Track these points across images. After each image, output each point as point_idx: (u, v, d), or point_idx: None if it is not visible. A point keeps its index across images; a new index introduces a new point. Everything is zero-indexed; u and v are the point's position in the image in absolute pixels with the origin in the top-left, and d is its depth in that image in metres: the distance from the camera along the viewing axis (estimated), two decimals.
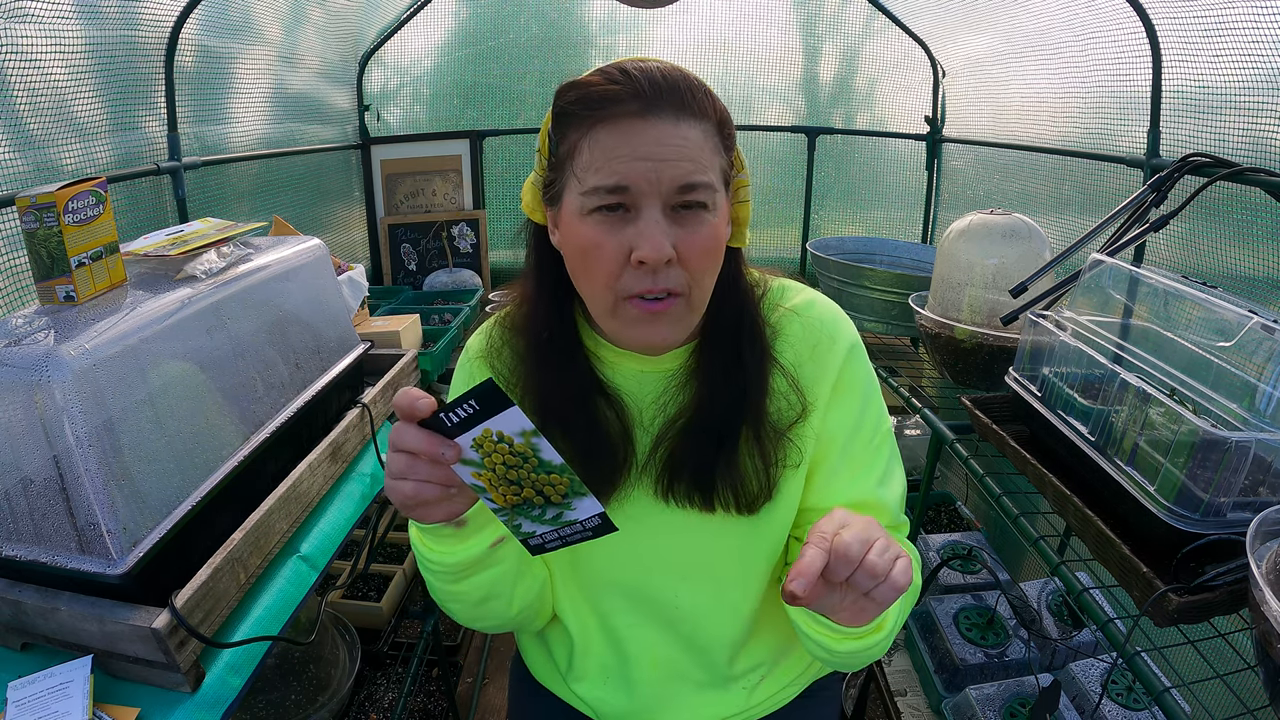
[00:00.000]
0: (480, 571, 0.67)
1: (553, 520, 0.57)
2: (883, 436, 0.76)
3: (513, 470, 0.53)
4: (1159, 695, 0.82)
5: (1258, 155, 1.25)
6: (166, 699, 0.76)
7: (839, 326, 0.75)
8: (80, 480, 0.73)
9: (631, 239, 0.59)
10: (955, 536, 1.93)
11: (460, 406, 0.51)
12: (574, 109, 0.61)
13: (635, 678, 0.80)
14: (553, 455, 0.52)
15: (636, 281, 0.61)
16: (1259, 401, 0.87)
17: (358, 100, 2.47)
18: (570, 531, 0.57)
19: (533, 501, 0.55)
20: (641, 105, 0.58)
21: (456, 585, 0.68)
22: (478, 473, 0.54)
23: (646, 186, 0.59)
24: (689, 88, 0.60)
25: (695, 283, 0.63)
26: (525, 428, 0.51)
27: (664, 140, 0.59)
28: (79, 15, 1.27)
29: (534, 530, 0.57)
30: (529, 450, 0.52)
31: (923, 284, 1.73)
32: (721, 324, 0.70)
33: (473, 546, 0.65)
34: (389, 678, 1.72)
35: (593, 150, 0.60)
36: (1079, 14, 1.68)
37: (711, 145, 0.62)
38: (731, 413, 0.69)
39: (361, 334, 1.37)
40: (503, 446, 0.52)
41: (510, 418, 0.50)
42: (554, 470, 0.53)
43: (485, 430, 0.51)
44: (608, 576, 0.77)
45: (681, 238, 0.60)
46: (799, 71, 2.58)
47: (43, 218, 0.83)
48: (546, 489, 0.54)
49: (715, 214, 0.62)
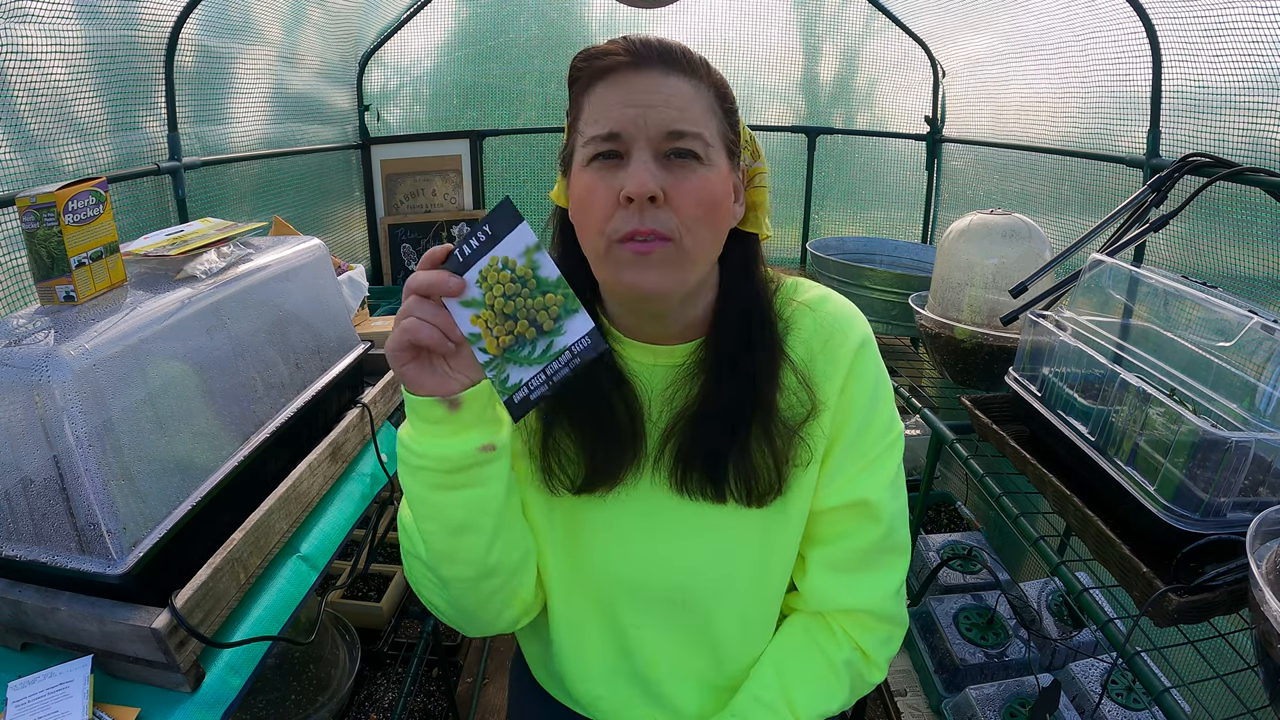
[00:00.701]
0: (465, 486, 0.64)
1: (541, 356, 0.58)
2: (893, 439, 0.75)
3: (511, 300, 0.57)
4: (1159, 695, 0.82)
5: (1258, 155, 1.25)
6: (166, 699, 0.76)
7: (852, 323, 0.74)
8: (80, 480, 0.73)
9: (621, 180, 0.62)
10: (955, 536, 1.94)
11: (474, 235, 0.56)
12: (579, 69, 0.65)
13: (639, 677, 0.80)
14: (550, 270, 0.56)
15: (624, 221, 0.61)
16: (1259, 401, 0.87)
17: (358, 100, 2.47)
18: (558, 366, 0.58)
19: (525, 337, 0.58)
20: (633, 59, 0.63)
21: (437, 494, 0.64)
22: (476, 315, 0.58)
23: (635, 130, 0.61)
24: (682, 51, 0.64)
25: (687, 230, 0.62)
26: (530, 243, 0.56)
27: (652, 89, 0.62)
28: (79, 15, 1.27)
29: (520, 378, 0.59)
30: (529, 270, 0.56)
31: (923, 284, 1.73)
32: (731, 314, 0.70)
33: (463, 442, 0.62)
34: (389, 678, 1.72)
35: (591, 105, 0.64)
36: (1079, 14, 1.68)
37: (705, 104, 0.64)
38: (740, 404, 0.69)
39: (361, 334, 1.37)
40: (505, 274, 0.57)
41: (518, 236, 0.56)
42: (549, 288, 0.57)
43: (492, 259, 0.56)
44: (615, 573, 0.76)
45: (671, 183, 0.62)
46: (799, 71, 2.58)
47: (43, 218, 0.83)
48: (540, 314, 0.57)
49: (710, 169, 0.63)
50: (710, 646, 0.78)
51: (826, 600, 0.77)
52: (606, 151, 0.62)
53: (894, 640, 0.79)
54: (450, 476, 0.63)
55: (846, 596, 0.76)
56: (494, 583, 0.70)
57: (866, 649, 0.77)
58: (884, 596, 0.76)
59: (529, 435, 0.74)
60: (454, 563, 0.67)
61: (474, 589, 0.69)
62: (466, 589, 0.69)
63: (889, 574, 0.77)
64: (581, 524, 0.75)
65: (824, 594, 0.77)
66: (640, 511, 0.73)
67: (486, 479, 0.65)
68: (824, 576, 0.77)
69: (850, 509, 0.74)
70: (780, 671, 0.77)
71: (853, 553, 0.75)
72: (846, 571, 0.76)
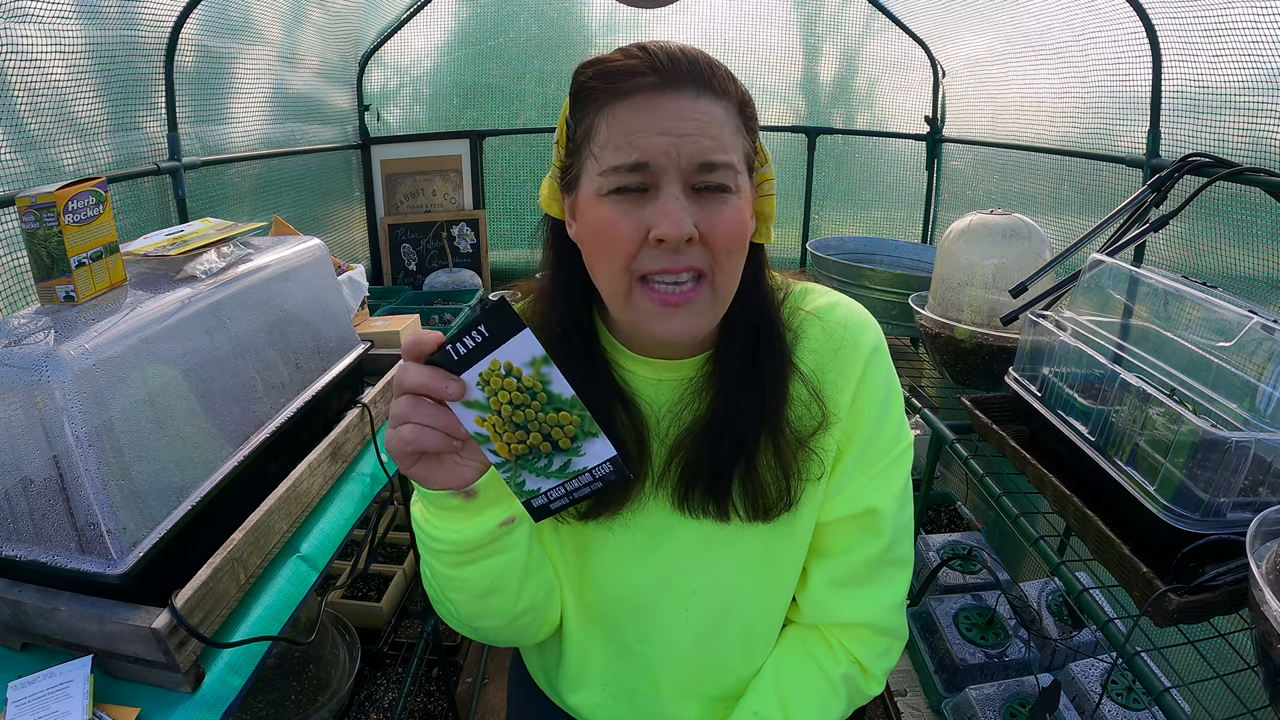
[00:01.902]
0: (487, 557, 0.63)
1: (559, 472, 0.54)
2: (901, 450, 0.73)
3: (519, 410, 0.51)
4: (1159, 695, 0.82)
5: (1258, 155, 1.25)
6: (166, 699, 0.76)
7: (863, 330, 0.71)
8: (80, 480, 0.73)
9: (650, 217, 0.57)
10: (955, 536, 1.94)
11: (468, 335, 0.49)
12: (593, 84, 0.59)
13: (640, 690, 0.79)
14: (563, 387, 0.50)
15: (654, 260, 0.57)
16: (1259, 401, 0.87)
17: (358, 100, 2.47)
18: (578, 485, 0.54)
19: (539, 450, 0.53)
20: (660, 79, 0.57)
21: (460, 571, 0.64)
22: (481, 418, 0.52)
23: (666, 161, 0.56)
24: (709, 65, 0.59)
25: (719, 267, 0.59)
26: (536, 354, 0.49)
27: (683, 115, 0.57)
28: (79, 15, 1.27)
29: (538, 487, 0.54)
30: (538, 383, 0.50)
31: (923, 284, 1.73)
32: (739, 328, 0.68)
33: (482, 523, 0.61)
34: (389, 678, 1.72)
35: (611, 127, 0.58)
36: (1079, 14, 1.68)
37: (733, 126, 0.60)
38: (749, 420, 0.67)
39: (361, 334, 1.37)
40: (510, 381, 0.50)
41: (521, 343, 0.49)
42: (563, 406, 0.51)
43: (493, 363, 0.50)
44: (618, 589, 0.75)
45: (704, 217, 0.57)
46: (799, 71, 2.58)
47: (43, 218, 0.83)
48: (554, 431, 0.52)
49: (739, 197, 0.60)
50: (713, 660, 0.77)
51: (824, 614, 0.76)
52: (631, 184, 0.57)
53: (892, 653, 0.77)
54: (471, 554, 0.62)
55: (845, 610, 0.75)
56: (525, 620, 0.72)
57: (864, 662, 0.76)
58: (884, 610, 0.74)
59: None
60: (486, 617, 0.69)
61: (506, 630, 0.72)
62: (499, 632, 0.72)
63: (889, 587, 0.75)
64: (586, 540, 0.74)
65: (822, 608, 0.76)
66: (644, 528, 0.72)
67: (509, 547, 0.64)
68: (824, 590, 0.75)
69: (855, 520, 0.72)
70: (779, 686, 0.76)
71: (854, 566, 0.74)
72: (846, 586, 0.75)
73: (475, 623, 0.70)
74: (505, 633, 0.73)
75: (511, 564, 0.65)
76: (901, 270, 1.92)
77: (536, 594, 0.71)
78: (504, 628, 0.71)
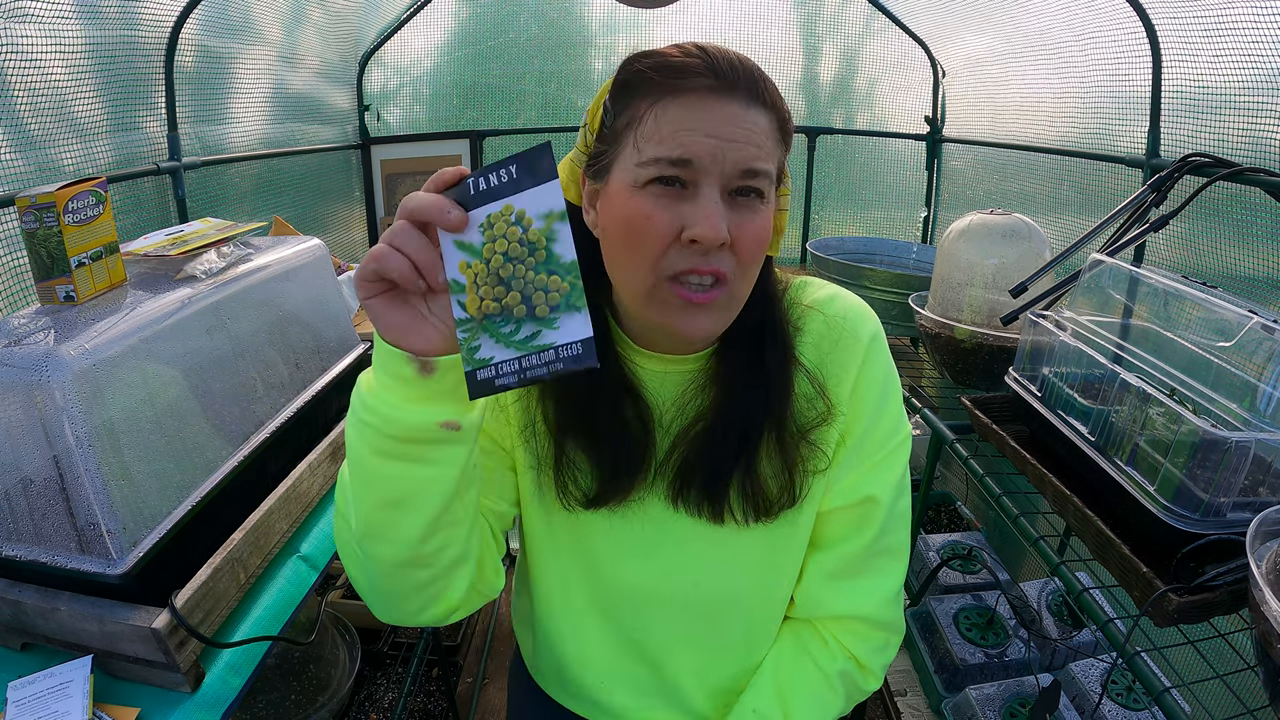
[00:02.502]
0: (414, 460, 0.56)
1: (522, 342, 0.49)
2: (899, 442, 0.73)
3: (510, 264, 0.48)
4: (1159, 695, 0.82)
5: (1257, 155, 1.25)
6: (166, 699, 0.76)
7: (862, 321, 0.72)
8: (80, 480, 0.73)
9: (686, 215, 0.57)
10: (955, 536, 1.94)
11: (494, 172, 0.47)
12: (648, 74, 0.59)
13: (639, 683, 0.80)
14: (567, 249, 0.48)
15: (684, 260, 0.58)
16: (1259, 401, 0.87)
17: (358, 100, 2.47)
18: (537, 362, 0.49)
19: (511, 312, 0.49)
20: (718, 83, 0.57)
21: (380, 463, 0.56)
22: (466, 263, 0.49)
23: (710, 164, 0.57)
24: (762, 77, 0.60)
25: (741, 274, 0.60)
26: (555, 208, 0.47)
27: (736, 121, 0.57)
28: (79, 15, 1.27)
29: (491, 356, 0.50)
30: (542, 239, 0.48)
31: (923, 284, 1.73)
32: (745, 325, 0.68)
33: (424, 412, 0.54)
34: (389, 678, 1.72)
35: (659, 121, 0.58)
36: (1079, 14, 1.68)
37: (775, 139, 0.60)
38: (753, 417, 0.68)
39: (362, 334, 1.37)
40: (514, 230, 0.48)
41: (545, 192, 0.47)
42: (558, 270, 0.48)
43: (507, 206, 0.48)
44: (617, 580, 0.75)
45: (736, 224, 0.58)
46: (799, 71, 2.58)
47: (43, 218, 0.83)
48: (537, 295, 0.49)
49: (768, 205, 0.61)
50: (715, 651, 0.78)
51: (819, 607, 0.76)
52: (670, 177, 0.57)
53: (890, 647, 0.77)
54: (399, 445, 0.55)
55: (838, 603, 0.75)
56: (422, 575, 0.62)
57: (861, 657, 0.76)
58: (878, 603, 0.74)
59: (539, 449, 0.72)
60: (383, 541, 0.60)
61: (398, 576, 0.62)
62: (390, 573, 0.62)
63: (883, 579, 0.75)
64: (584, 531, 0.74)
65: (817, 601, 0.76)
66: (642, 520, 0.72)
67: (440, 460, 0.57)
68: (818, 583, 0.76)
69: (852, 510, 0.73)
70: (778, 683, 0.76)
71: (848, 557, 0.74)
72: (840, 578, 0.75)
73: (368, 544, 0.60)
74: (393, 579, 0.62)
75: (435, 480, 0.57)
76: (901, 270, 1.92)
77: (445, 549, 0.62)
78: (397, 569, 0.61)
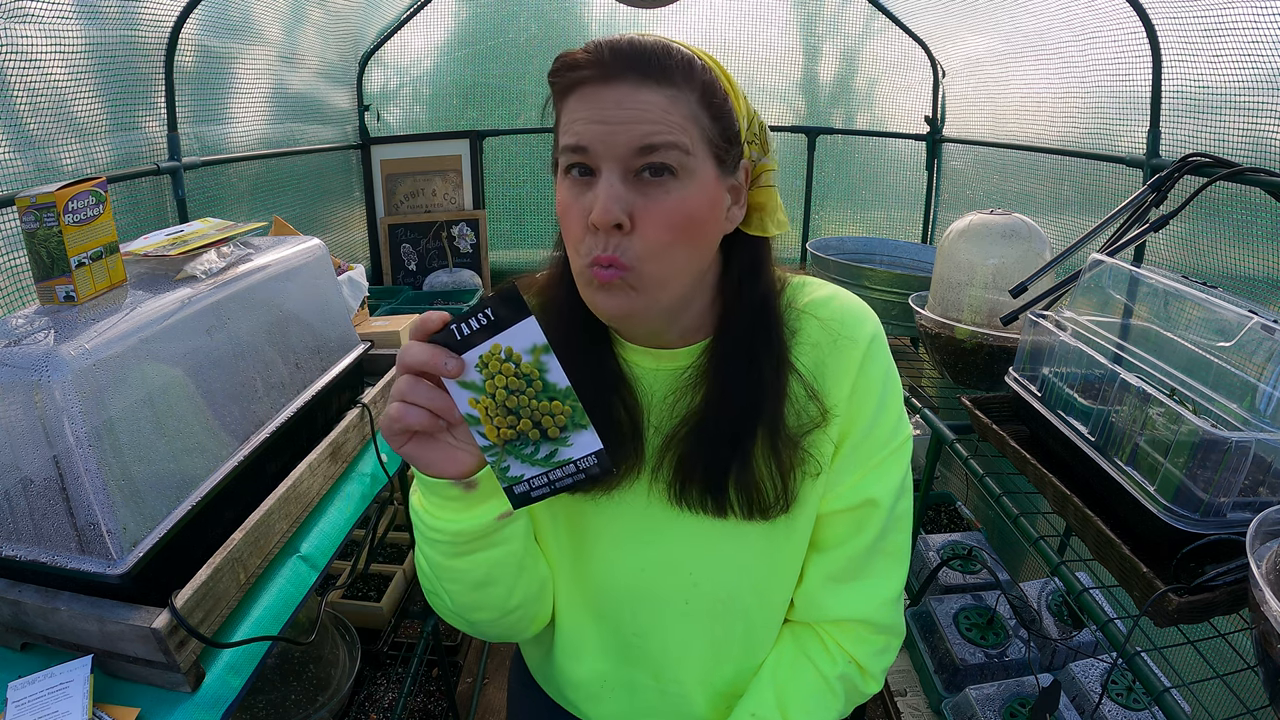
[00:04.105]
0: (485, 549, 0.64)
1: (544, 460, 0.55)
2: (899, 444, 0.73)
3: (513, 396, 0.53)
4: (1159, 695, 0.82)
5: (1258, 155, 1.25)
6: (166, 699, 0.76)
7: (861, 322, 0.71)
8: (80, 480, 0.73)
9: (589, 202, 0.59)
10: (955, 536, 1.93)
11: (475, 316, 0.51)
12: (553, 79, 0.63)
13: (638, 684, 0.79)
14: (559, 377, 0.52)
15: (592, 246, 0.60)
16: (1259, 401, 0.87)
17: (358, 100, 2.47)
18: (562, 475, 0.55)
19: (527, 436, 0.54)
20: (600, 72, 0.59)
21: (457, 561, 0.65)
22: (475, 399, 0.54)
23: (603, 149, 0.58)
24: (659, 54, 0.59)
25: (652, 255, 0.59)
26: (537, 342, 0.51)
27: (621, 104, 0.58)
28: (79, 15, 1.27)
29: (521, 474, 0.56)
30: (535, 371, 0.52)
31: (923, 284, 1.73)
32: (735, 321, 0.68)
33: (480, 515, 0.62)
34: (389, 678, 1.72)
35: (565, 116, 0.62)
36: (1079, 14, 1.68)
37: (684, 112, 0.59)
38: (744, 417, 0.67)
39: (361, 334, 1.37)
40: (508, 366, 0.52)
41: (524, 330, 0.51)
42: (557, 395, 0.53)
43: (494, 346, 0.51)
44: (615, 581, 0.75)
45: (640, 205, 0.58)
46: (799, 71, 2.58)
47: (43, 218, 0.83)
48: (545, 419, 0.53)
49: (688, 184, 0.59)
50: (714, 652, 0.77)
51: (819, 611, 0.76)
52: (578, 164, 0.60)
53: (890, 650, 0.77)
54: (468, 544, 0.63)
55: (838, 606, 0.75)
56: (517, 615, 0.73)
57: (861, 661, 0.75)
58: (878, 605, 0.74)
59: None
60: (479, 610, 0.70)
61: (499, 624, 0.73)
62: (492, 625, 0.73)
63: (883, 581, 0.74)
64: (583, 531, 0.74)
65: (817, 604, 0.76)
66: (640, 520, 0.72)
67: (505, 539, 0.65)
68: (818, 586, 0.75)
69: (852, 512, 0.72)
70: (776, 686, 0.76)
71: (847, 560, 0.73)
72: (840, 580, 0.74)
73: (469, 615, 0.71)
74: (498, 626, 0.73)
75: (508, 556, 0.66)
76: (901, 270, 1.92)
77: (530, 588, 0.72)
78: (497, 621, 0.72)
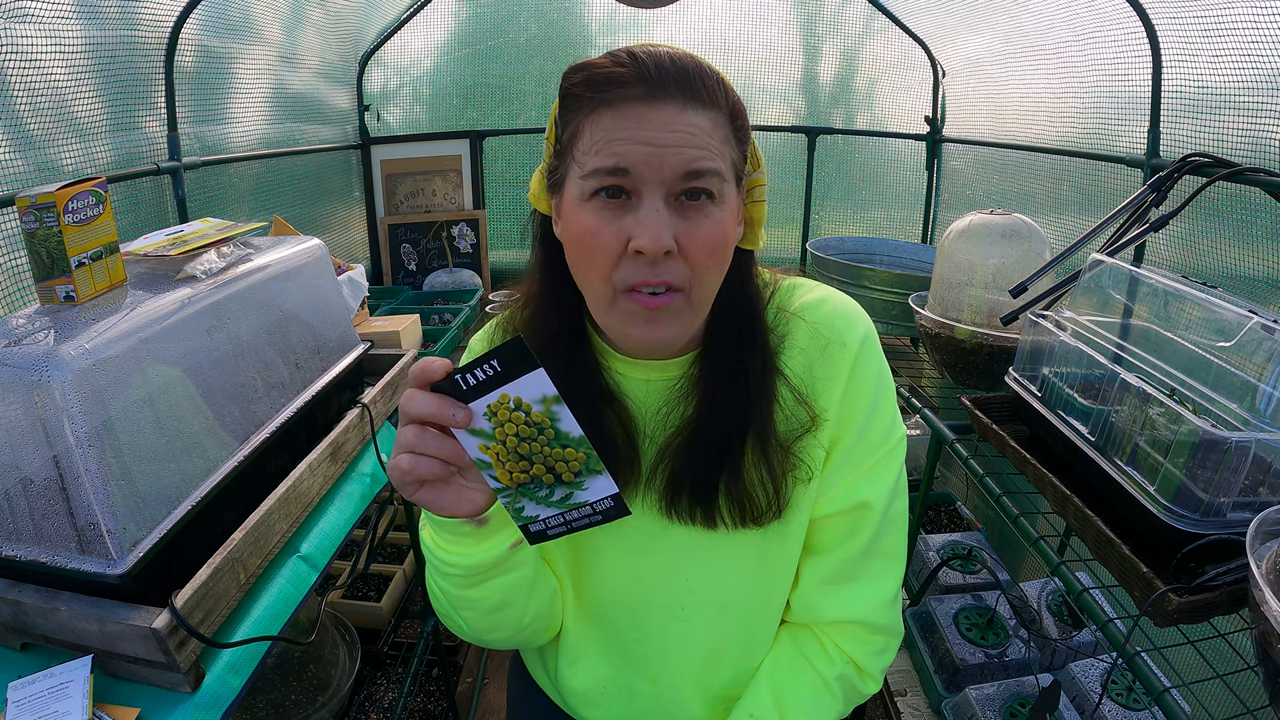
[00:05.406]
0: (498, 576, 0.64)
1: (559, 502, 0.54)
2: (893, 445, 0.72)
3: (525, 443, 0.51)
4: (1159, 695, 0.82)
5: (1257, 155, 1.25)
6: (166, 699, 0.76)
7: (851, 325, 0.70)
8: (80, 480, 0.73)
9: (630, 227, 0.57)
10: (955, 536, 1.93)
11: (480, 368, 0.48)
12: (578, 90, 0.59)
13: (637, 689, 0.79)
14: (572, 426, 0.50)
15: (634, 272, 0.57)
16: (1259, 401, 0.87)
17: (358, 100, 2.47)
18: (577, 516, 0.55)
19: (541, 480, 0.53)
20: (646, 90, 0.56)
21: (471, 590, 0.65)
22: (485, 445, 0.52)
23: (648, 172, 0.56)
24: (699, 74, 0.58)
25: (697, 280, 0.59)
26: (547, 393, 0.49)
27: (669, 126, 0.56)
28: (79, 15, 1.27)
29: (536, 514, 0.55)
30: (546, 420, 0.50)
31: (923, 284, 1.73)
32: (724, 331, 0.68)
33: (493, 547, 0.62)
34: (389, 678, 1.72)
35: (594, 133, 0.58)
36: (1079, 14, 1.68)
37: (722, 135, 0.59)
38: (734, 425, 0.67)
39: (361, 334, 1.38)
40: (518, 415, 0.50)
41: (533, 381, 0.48)
42: (570, 444, 0.51)
43: (502, 396, 0.49)
44: (614, 590, 0.75)
45: (684, 230, 0.57)
46: (799, 71, 2.58)
47: (43, 218, 0.83)
48: (559, 465, 0.52)
49: (722, 208, 0.59)
50: (712, 658, 0.77)
51: (816, 613, 0.76)
52: (611, 187, 0.57)
53: (888, 651, 0.77)
54: (482, 574, 0.64)
55: (835, 609, 0.74)
56: (531, 629, 0.75)
57: (859, 662, 0.75)
58: (875, 607, 0.74)
59: None
60: (496, 630, 0.72)
61: (515, 639, 0.75)
62: (508, 642, 0.76)
63: (880, 582, 0.74)
64: (582, 543, 0.74)
65: (814, 607, 0.75)
66: (637, 529, 0.72)
67: (516, 564, 0.65)
68: (814, 589, 0.75)
69: (846, 515, 0.72)
70: (774, 688, 0.76)
71: (843, 562, 0.73)
72: (836, 583, 0.74)
73: (485, 636, 0.73)
74: (514, 641, 0.76)
75: (520, 580, 0.67)
76: (901, 270, 1.92)
77: (542, 602, 0.73)
78: (513, 637, 0.74)
